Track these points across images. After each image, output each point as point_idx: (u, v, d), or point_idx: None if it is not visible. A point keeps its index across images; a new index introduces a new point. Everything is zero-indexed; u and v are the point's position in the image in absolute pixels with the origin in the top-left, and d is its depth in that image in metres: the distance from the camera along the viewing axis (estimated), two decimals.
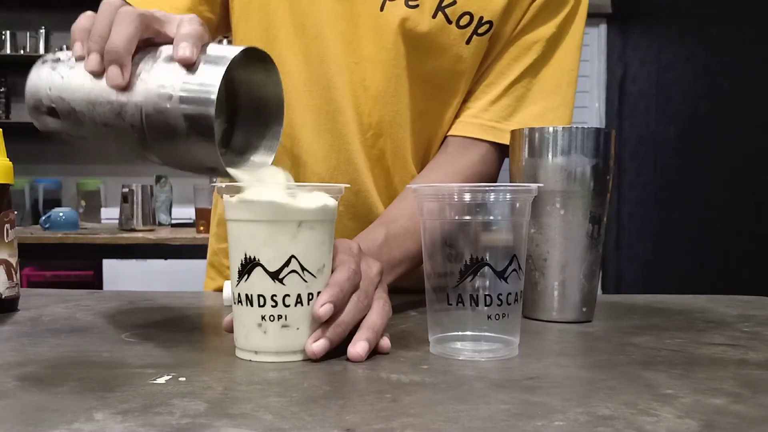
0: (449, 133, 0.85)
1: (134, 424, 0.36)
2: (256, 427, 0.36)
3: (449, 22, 0.78)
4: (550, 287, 0.67)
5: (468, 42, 0.79)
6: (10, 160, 0.72)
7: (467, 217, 0.52)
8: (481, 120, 0.83)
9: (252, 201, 0.50)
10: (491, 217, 0.52)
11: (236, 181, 0.51)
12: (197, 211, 2.55)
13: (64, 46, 3.41)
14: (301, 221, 0.50)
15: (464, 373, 0.48)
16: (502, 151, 0.83)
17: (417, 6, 0.78)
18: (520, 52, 0.82)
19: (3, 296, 0.69)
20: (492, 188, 0.52)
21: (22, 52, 3.61)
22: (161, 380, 0.45)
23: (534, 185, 0.54)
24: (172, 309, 0.73)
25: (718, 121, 2.77)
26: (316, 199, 0.51)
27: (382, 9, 0.78)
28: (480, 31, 0.79)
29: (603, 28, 3.94)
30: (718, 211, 2.74)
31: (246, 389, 0.44)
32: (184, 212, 2.90)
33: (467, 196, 0.52)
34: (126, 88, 0.49)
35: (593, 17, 3.82)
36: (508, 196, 0.52)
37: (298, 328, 0.50)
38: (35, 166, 3.59)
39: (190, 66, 0.48)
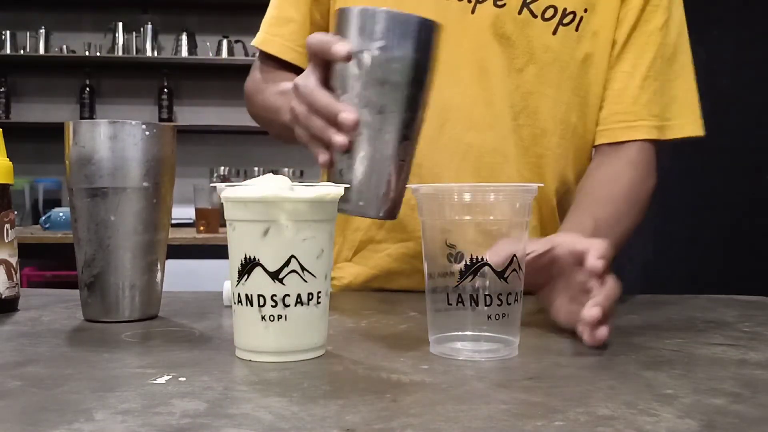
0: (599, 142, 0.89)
1: (134, 424, 0.36)
2: (256, 427, 0.36)
3: (534, 16, 0.84)
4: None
5: (555, 33, 0.84)
6: (10, 160, 0.72)
7: (467, 217, 0.52)
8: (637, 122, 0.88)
9: (252, 201, 0.50)
10: (491, 217, 0.52)
11: None
12: (197, 211, 2.55)
13: None
14: (301, 221, 0.50)
15: (464, 373, 0.48)
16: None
17: (504, 5, 0.83)
18: (640, 48, 0.86)
19: (3, 296, 0.69)
20: (492, 188, 0.52)
21: (22, 52, 3.60)
22: (161, 380, 0.45)
23: (534, 185, 0.53)
24: (171, 309, 0.73)
25: (718, 121, 2.76)
26: (316, 198, 0.51)
27: (473, 12, 0.84)
28: (565, 21, 0.84)
29: None
30: (718, 211, 2.73)
31: (246, 389, 0.44)
32: (184, 212, 2.89)
33: (467, 196, 0.52)
34: None
35: None
36: (508, 196, 0.52)
37: (298, 328, 0.51)
38: (35, 166, 3.58)
39: None
